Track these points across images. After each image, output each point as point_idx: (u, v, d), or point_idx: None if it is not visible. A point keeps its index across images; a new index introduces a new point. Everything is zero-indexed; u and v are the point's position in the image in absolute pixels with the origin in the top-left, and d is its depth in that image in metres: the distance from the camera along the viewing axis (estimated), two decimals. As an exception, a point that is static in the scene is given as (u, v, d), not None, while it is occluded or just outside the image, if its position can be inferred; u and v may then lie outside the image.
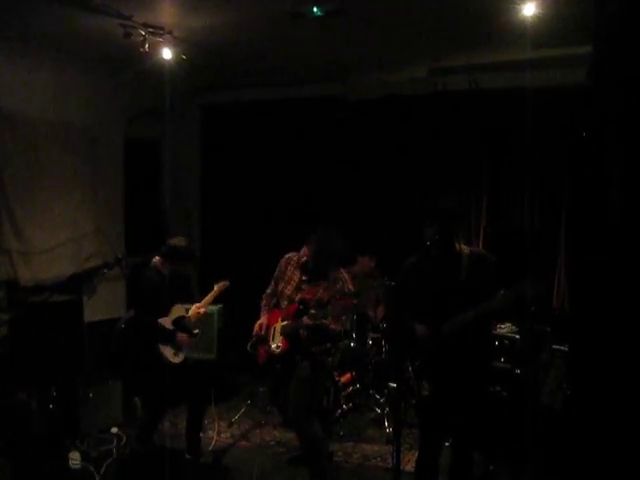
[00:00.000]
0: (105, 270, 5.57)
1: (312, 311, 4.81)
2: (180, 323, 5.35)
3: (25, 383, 5.42)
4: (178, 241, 5.37)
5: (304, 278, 5.03)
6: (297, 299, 4.97)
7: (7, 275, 6.13)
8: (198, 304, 5.49)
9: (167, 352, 5.29)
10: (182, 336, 5.33)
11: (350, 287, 4.92)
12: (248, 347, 5.27)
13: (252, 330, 5.23)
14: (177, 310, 5.38)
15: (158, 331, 5.22)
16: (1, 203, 6.12)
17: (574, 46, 5.75)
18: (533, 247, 6.91)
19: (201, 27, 5.66)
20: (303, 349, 4.92)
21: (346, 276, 4.99)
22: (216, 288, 5.59)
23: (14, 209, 6.21)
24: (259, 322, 5.19)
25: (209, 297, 5.56)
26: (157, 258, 5.36)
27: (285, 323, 4.98)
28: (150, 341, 5.23)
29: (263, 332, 5.12)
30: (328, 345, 4.96)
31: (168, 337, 5.28)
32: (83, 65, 6.84)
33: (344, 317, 4.91)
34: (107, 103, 7.27)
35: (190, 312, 5.43)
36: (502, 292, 3.84)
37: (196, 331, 5.48)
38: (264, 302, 5.29)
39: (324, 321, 4.79)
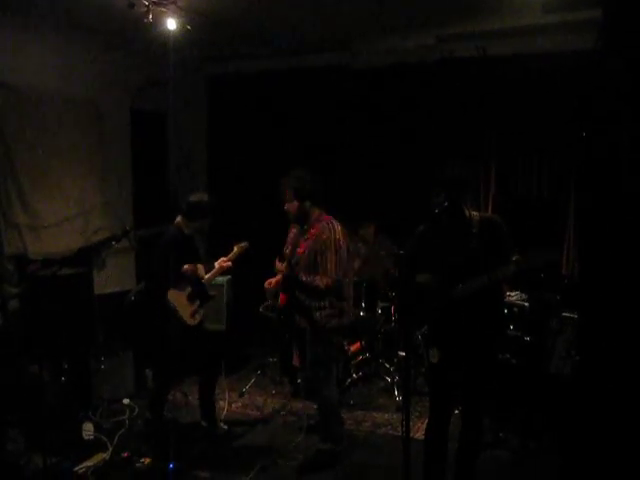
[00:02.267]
0: (113, 243, 5.56)
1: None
2: (198, 284, 5.35)
3: (37, 356, 5.45)
4: (198, 196, 5.33)
5: (299, 235, 5.05)
6: (290, 255, 5.00)
7: (17, 249, 6.16)
8: (224, 258, 5.45)
9: (184, 314, 5.24)
10: (187, 268, 5.24)
11: (338, 237, 4.83)
12: (260, 308, 5.31)
13: (263, 297, 5.34)
14: (197, 270, 5.36)
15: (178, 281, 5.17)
16: (9, 178, 6.14)
17: (583, 10, 5.67)
18: (542, 214, 6.89)
19: (205, -4, 5.62)
20: (303, 308, 4.91)
21: (336, 227, 4.88)
22: (236, 249, 5.51)
23: (22, 184, 6.23)
24: (269, 279, 5.19)
25: (232, 255, 5.50)
26: (179, 218, 5.31)
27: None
28: (163, 308, 5.19)
29: (270, 287, 5.13)
30: (329, 310, 4.90)
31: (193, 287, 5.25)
32: (87, 38, 6.79)
33: (332, 267, 4.75)
34: (112, 76, 7.24)
35: (216, 264, 5.42)
36: (514, 259, 3.83)
37: (212, 293, 5.49)
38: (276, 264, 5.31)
39: (309, 278, 4.78)
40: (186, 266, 5.22)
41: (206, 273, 5.42)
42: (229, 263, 5.48)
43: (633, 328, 3.44)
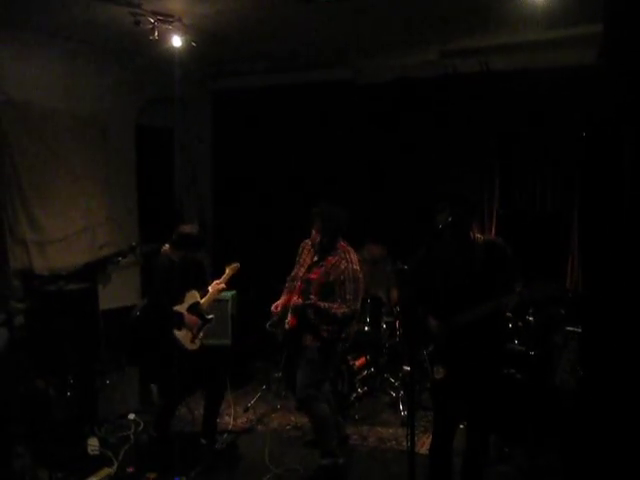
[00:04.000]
0: (119, 258, 5.61)
1: (311, 296, 4.91)
2: (195, 309, 5.38)
3: (43, 371, 5.47)
4: (188, 228, 5.37)
5: (315, 259, 5.12)
6: (303, 278, 5.07)
7: (22, 264, 6.19)
8: (218, 280, 5.53)
9: (183, 339, 5.29)
10: (190, 317, 5.31)
11: (356, 267, 4.95)
12: (267, 325, 5.33)
13: (268, 312, 5.31)
14: (191, 297, 5.40)
15: (171, 317, 5.22)
16: (16, 193, 6.17)
17: (585, 26, 5.70)
18: (546, 228, 6.89)
19: (210, 13, 5.66)
20: (311, 328, 4.95)
21: (352, 256, 5.00)
22: (228, 270, 5.62)
23: (28, 199, 6.26)
24: (276, 303, 5.26)
25: (222, 279, 5.59)
26: (167, 246, 5.36)
27: (294, 302, 5.05)
28: (164, 327, 5.25)
29: (278, 311, 5.19)
30: (337, 328, 4.96)
31: (181, 322, 5.29)
32: (93, 54, 6.85)
33: (351, 298, 4.87)
34: (118, 92, 7.28)
35: (210, 288, 5.48)
36: (518, 290, 3.83)
37: (210, 316, 5.51)
38: (286, 285, 5.34)
39: (326, 305, 4.85)
40: (187, 319, 5.29)
41: (200, 298, 5.46)
42: (223, 285, 5.56)
43: (637, 342, 3.44)
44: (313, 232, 5.10)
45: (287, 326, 5.08)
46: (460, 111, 7.22)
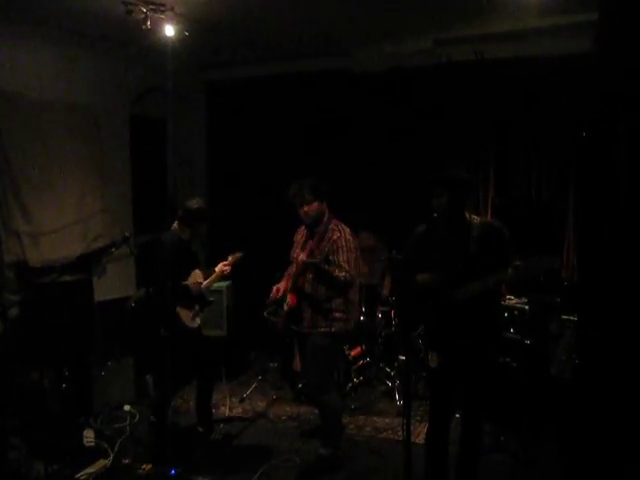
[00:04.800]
0: (113, 249, 5.57)
1: (317, 256, 4.88)
2: (198, 289, 5.37)
3: (37, 363, 5.46)
4: (194, 203, 5.36)
5: (308, 238, 5.13)
6: (297, 259, 5.08)
7: (16, 257, 6.15)
8: (224, 262, 5.53)
9: (185, 316, 5.27)
10: (194, 284, 5.32)
11: (349, 237, 4.93)
12: (265, 313, 5.33)
13: (264, 302, 5.33)
14: (196, 275, 5.40)
15: (178, 294, 5.17)
16: (9, 185, 6.13)
17: (580, 14, 5.68)
18: (542, 216, 6.89)
19: (203, 2, 5.62)
20: (312, 303, 4.94)
21: (344, 227, 4.99)
22: (231, 259, 5.58)
23: (21, 191, 6.22)
24: (277, 286, 5.27)
25: (229, 262, 5.58)
26: (175, 224, 5.34)
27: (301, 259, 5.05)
28: (169, 307, 5.19)
29: (278, 295, 5.20)
30: (336, 305, 4.92)
31: (187, 294, 5.27)
32: (85, 44, 6.80)
33: (346, 265, 4.82)
34: (111, 82, 7.24)
35: (216, 269, 5.48)
36: (515, 264, 3.82)
37: (211, 298, 5.54)
38: (287, 270, 5.35)
39: (328, 267, 4.83)
40: (191, 283, 5.28)
41: (205, 279, 5.45)
42: (228, 268, 5.53)
43: (633, 330, 3.44)
44: (304, 209, 5.06)
45: (287, 307, 5.06)
46: (455, 100, 7.19)
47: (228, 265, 5.54)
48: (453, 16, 6.20)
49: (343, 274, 4.79)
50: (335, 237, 4.90)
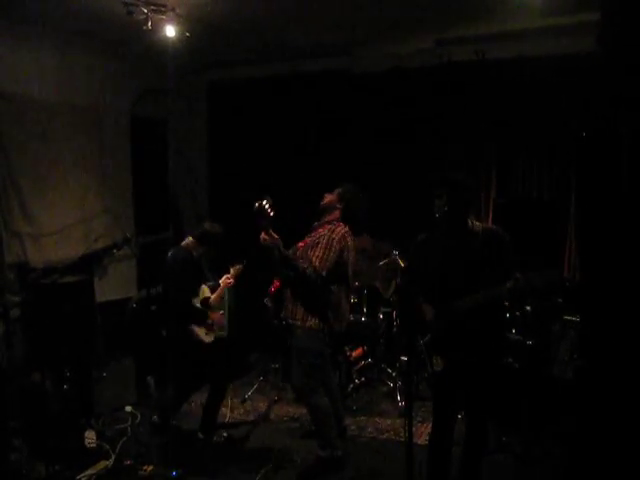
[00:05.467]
0: (114, 250, 5.58)
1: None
2: (205, 304, 5.45)
3: (39, 364, 5.46)
4: (216, 228, 5.50)
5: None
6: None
7: (17, 258, 6.16)
8: (227, 275, 5.62)
9: (200, 332, 5.37)
10: (214, 315, 5.49)
11: (334, 237, 4.84)
12: (265, 300, 5.38)
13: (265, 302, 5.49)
14: (204, 291, 5.48)
15: (191, 312, 5.31)
16: (10, 186, 6.14)
17: (582, 14, 5.67)
18: (543, 216, 6.88)
19: (204, 2, 5.61)
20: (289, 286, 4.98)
21: (338, 228, 4.94)
22: (232, 271, 5.67)
23: (23, 192, 6.23)
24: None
25: (232, 275, 5.67)
26: (190, 240, 5.43)
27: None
28: (183, 321, 5.30)
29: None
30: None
31: (201, 317, 5.38)
32: (86, 45, 6.80)
33: (317, 262, 4.73)
34: (112, 83, 7.25)
35: (221, 283, 5.57)
36: (516, 277, 3.80)
37: (221, 312, 5.63)
38: None
39: (290, 254, 4.85)
40: (211, 316, 5.45)
41: (210, 292, 5.54)
42: (232, 280, 5.64)
43: (635, 331, 3.43)
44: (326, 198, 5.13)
45: (273, 288, 5.15)
46: (456, 100, 7.19)
47: (231, 278, 5.63)
48: (454, 16, 6.19)
49: (305, 266, 4.71)
50: (320, 233, 4.89)
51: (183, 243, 5.44)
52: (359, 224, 5.13)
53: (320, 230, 4.97)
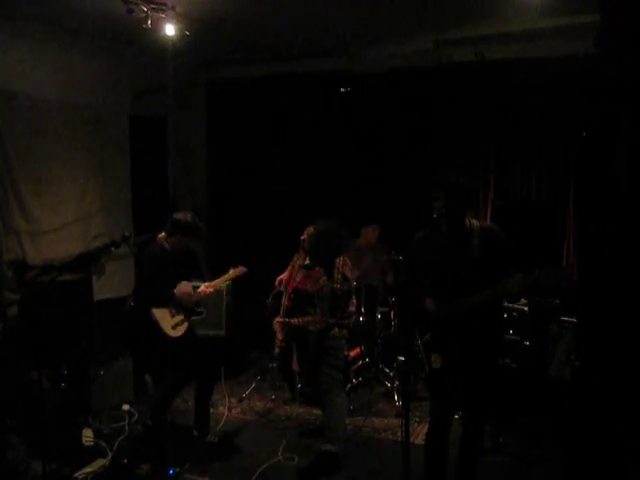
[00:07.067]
0: (112, 249, 5.54)
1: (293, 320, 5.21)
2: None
3: (36, 362, 5.45)
4: (180, 215, 5.23)
5: (306, 262, 5.37)
6: (290, 290, 5.34)
7: (16, 255, 6.15)
8: (207, 284, 5.40)
9: (165, 326, 5.18)
10: (181, 289, 5.24)
11: (337, 286, 5.07)
12: (269, 299, 5.44)
13: (264, 302, 5.65)
14: (183, 286, 5.31)
15: (159, 303, 5.16)
16: (9, 184, 6.14)
17: (581, 15, 5.68)
18: (541, 218, 6.89)
19: (203, 2, 5.61)
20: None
21: (338, 271, 5.13)
22: (231, 272, 5.54)
23: (21, 190, 6.23)
24: (280, 277, 5.53)
25: (221, 280, 5.53)
26: (162, 234, 5.26)
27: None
28: (149, 315, 5.15)
29: (281, 287, 5.48)
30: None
31: (172, 301, 5.21)
32: (86, 43, 6.79)
33: (326, 313, 5.10)
34: (111, 81, 7.24)
35: (199, 290, 5.36)
36: (520, 275, 3.80)
37: (200, 309, 5.42)
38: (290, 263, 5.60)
39: (301, 321, 5.16)
40: (180, 290, 5.23)
41: (193, 289, 5.35)
42: (211, 290, 5.41)
43: (632, 332, 3.44)
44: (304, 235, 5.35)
45: (284, 304, 5.33)
46: (456, 101, 7.18)
47: (211, 287, 5.41)
48: (453, 17, 6.19)
49: (316, 327, 5.12)
50: (321, 282, 5.13)
51: (158, 237, 5.27)
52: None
53: (317, 271, 5.23)
